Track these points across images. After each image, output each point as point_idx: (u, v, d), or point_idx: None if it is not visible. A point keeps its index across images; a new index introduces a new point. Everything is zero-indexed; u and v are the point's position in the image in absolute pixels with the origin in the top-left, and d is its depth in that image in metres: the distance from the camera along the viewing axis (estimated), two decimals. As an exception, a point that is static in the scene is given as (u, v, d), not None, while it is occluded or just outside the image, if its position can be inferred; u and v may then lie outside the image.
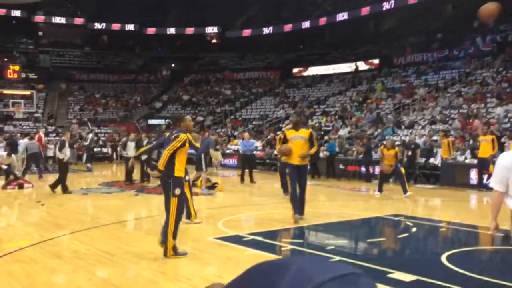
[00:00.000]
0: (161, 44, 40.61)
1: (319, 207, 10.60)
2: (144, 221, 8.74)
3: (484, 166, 12.98)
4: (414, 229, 7.92)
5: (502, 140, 14.99)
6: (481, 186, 12.97)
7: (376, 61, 31.83)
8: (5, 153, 13.83)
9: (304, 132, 8.19)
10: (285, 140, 8.34)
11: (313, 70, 34.55)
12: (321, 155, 17.33)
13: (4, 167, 13.09)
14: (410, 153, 15.10)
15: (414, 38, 30.56)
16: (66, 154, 12.15)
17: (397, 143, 17.28)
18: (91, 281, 4.91)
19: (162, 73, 39.66)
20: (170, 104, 35.54)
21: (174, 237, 5.88)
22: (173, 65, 40.36)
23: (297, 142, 8.10)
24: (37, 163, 15.47)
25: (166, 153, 5.97)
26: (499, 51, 25.81)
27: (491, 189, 4.12)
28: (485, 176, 12.90)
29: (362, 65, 32.08)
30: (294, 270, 0.89)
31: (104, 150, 25.96)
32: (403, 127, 20.43)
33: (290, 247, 6.50)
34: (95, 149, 24.12)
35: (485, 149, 13.15)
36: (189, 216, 7.86)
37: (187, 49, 39.03)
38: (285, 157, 8.35)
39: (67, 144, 12.28)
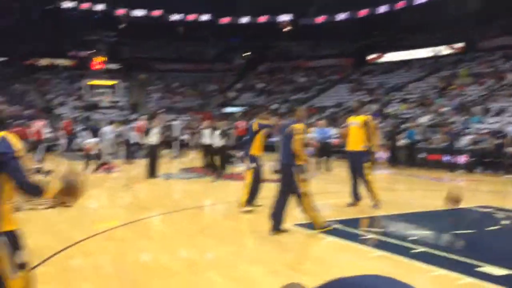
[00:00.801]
0: (235, 34, 41.08)
1: (398, 196, 10.30)
2: (222, 206, 8.94)
3: None
4: (505, 222, 7.47)
5: None
6: None
7: (459, 45, 30.17)
8: (94, 139, 14.67)
9: (360, 118, 8.23)
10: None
11: (389, 56, 33.41)
12: (399, 143, 16.78)
13: (94, 152, 13.90)
14: (497, 141, 14.22)
15: (502, 20, 28.57)
16: (154, 139, 12.72)
17: (484, 131, 16.35)
18: (176, 261, 5.12)
19: (236, 62, 40.17)
20: (244, 93, 35.96)
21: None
22: (247, 54, 40.72)
23: (352, 128, 8.23)
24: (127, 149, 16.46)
25: (299, 146, 6.19)
26: None
27: None
28: None
29: (444, 50, 30.55)
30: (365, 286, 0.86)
31: (182, 137, 26.76)
32: (490, 114, 19.26)
33: (370, 236, 6.38)
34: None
35: None
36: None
37: (260, 38, 39.18)
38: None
39: (155, 130, 12.86)
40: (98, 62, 37.18)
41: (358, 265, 4.96)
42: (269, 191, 8.40)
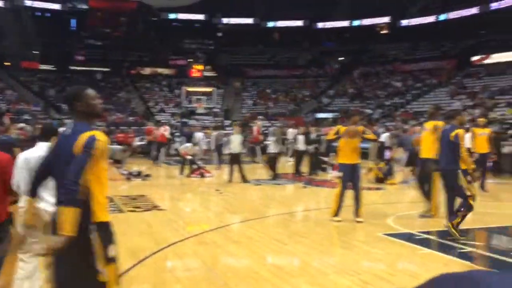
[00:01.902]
0: (330, 38, 40.78)
1: (503, 207, 9.56)
2: (312, 213, 8.90)
3: None
4: None
5: None
6: None
7: None
8: (190, 145, 15.33)
9: (429, 124, 8.00)
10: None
11: (497, 57, 31.15)
12: (505, 150, 15.58)
13: (189, 157, 14.51)
14: None
15: None
16: (236, 147, 13.13)
17: None
18: (264, 267, 5.18)
19: (330, 67, 39.83)
20: (338, 98, 35.51)
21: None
22: (341, 58, 40.22)
23: (425, 134, 8.05)
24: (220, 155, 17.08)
25: (464, 152, 6.52)
26: None
27: None
28: None
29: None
30: (489, 284, 0.80)
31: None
32: None
33: (469, 249, 5.98)
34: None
35: None
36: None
37: (356, 41, 38.54)
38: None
39: (237, 137, 13.28)
40: (196, 69, 38.88)
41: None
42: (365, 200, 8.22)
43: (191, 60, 39.32)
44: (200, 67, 39.11)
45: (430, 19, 34.71)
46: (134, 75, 38.50)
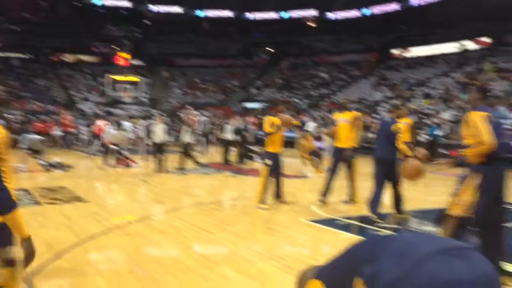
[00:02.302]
0: (259, 29, 41.04)
1: (418, 192, 10.13)
2: (239, 202, 8.94)
3: None
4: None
5: None
6: None
7: (486, 39, 29.49)
8: (117, 132, 14.80)
9: (346, 115, 8.23)
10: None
11: (415, 51, 32.87)
12: (421, 139, 16.53)
13: (112, 146, 14.06)
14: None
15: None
16: (155, 137, 12.94)
17: (507, 126, 15.95)
18: (190, 256, 5.14)
19: (259, 58, 40.15)
20: (266, 88, 35.91)
21: None
22: (270, 49, 40.64)
23: (341, 125, 8.18)
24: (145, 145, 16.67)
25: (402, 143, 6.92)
26: None
27: None
28: None
29: (471, 45, 29.92)
30: (401, 241, 0.84)
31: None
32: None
33: (389, 232, 6.29)
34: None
35: None
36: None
37: (284, 33, 39.06)
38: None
39: (160, 127, 13.06)
40: (122, 58, 37.66)
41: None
42: (291, 187, 8.42)
43: (116, 47, 38.01)
44: (127, 55, 37.92)
45: (355, 13, 35.90)
46: (55, 62, 36.61)
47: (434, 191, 10.44)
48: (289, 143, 13.93)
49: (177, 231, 6.27)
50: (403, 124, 7.13)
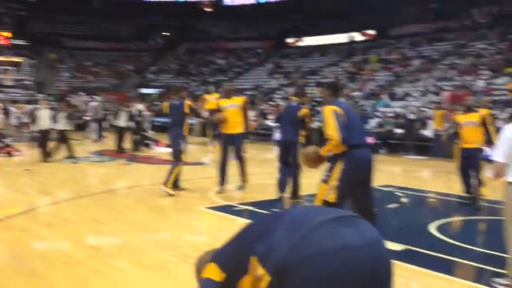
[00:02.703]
0: (154, 12, 39.84)
1: (313, 177, 10.59)
2: (134, 190, 8.70)
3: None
4: (404, 200, 7.97)
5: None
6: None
7: (372, 32, 31.48)
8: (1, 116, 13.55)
9: (237, 100, 8.19)
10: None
11: (308, 41, 34.13)
12: (314, 125, 17.27)
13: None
14: (401, 124, 15.09)
15: (410, 9, 30.14)
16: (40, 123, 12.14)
17: (389, 114, 17.25)
18: (79, 249, 4.89)
19: (154, 42, 39.09)
20: (162, 73, 35.16)
21: None
22: (165, 33, 39.73)
23: (231, 111, 8.05)
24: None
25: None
26: (495, 23, 25.59)
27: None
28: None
29: (358, 36, 31.75)
30: (291, 214, 0.85)
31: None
32: (397, 98, 20.36)
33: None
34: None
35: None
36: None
37: (181, 17, 38.34)
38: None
39: (42, 113, 12.24)
40: (3, 36, 34.47)
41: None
42: (190, 175, 8.34)
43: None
44: (7, 33, 34.77)
45: (251, 0, 36.24)
46: None
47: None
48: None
49: (66, 223, 5.93)
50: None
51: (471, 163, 7.42)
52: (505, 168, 3.81)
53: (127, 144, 14.89)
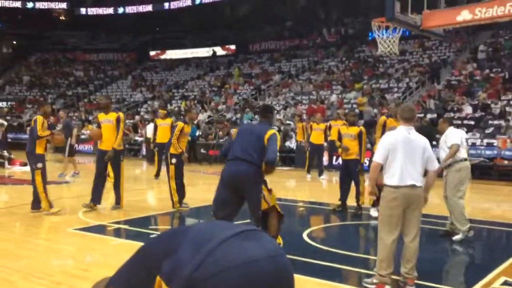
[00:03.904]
0: (2, 19, 36.35)
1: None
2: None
3: (334, 148, 14.03)
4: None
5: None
6: (331, 167, 14.03)
7: (232, 46, 32.48)
8: None
9: (112, 116, 7.75)
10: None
11: (171, 54, 34.05)
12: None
13: None
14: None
15: (268, 26, 31.77)
16: None
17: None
18: None
19: (2, 50, 35.66)
20: (12, 85, 32.19)
21: None
22: (14, 42, 36.49)
23: (105, 126, 7.74)
24: None
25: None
26: (342, 42, 28.19)
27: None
28: (335, 158, 14.00)
29: (219, 50, 32.52)
30: (194, 231, 0.88)
31: None
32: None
33: (157, 233, 6.37)
34: None
35: (335, 132, 14.21)
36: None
37: (32, 25, 35.48)
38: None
39: None
40: None
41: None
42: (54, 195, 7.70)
43: None
44: None
45: (109, 10, 34.99)
46: None
47: (199, 189, 11.06)
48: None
49: None
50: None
51: (350, 173, 7.94)
52: (379, 168, 4.28)
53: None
